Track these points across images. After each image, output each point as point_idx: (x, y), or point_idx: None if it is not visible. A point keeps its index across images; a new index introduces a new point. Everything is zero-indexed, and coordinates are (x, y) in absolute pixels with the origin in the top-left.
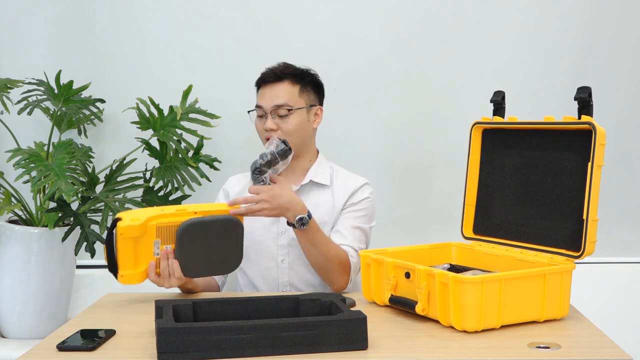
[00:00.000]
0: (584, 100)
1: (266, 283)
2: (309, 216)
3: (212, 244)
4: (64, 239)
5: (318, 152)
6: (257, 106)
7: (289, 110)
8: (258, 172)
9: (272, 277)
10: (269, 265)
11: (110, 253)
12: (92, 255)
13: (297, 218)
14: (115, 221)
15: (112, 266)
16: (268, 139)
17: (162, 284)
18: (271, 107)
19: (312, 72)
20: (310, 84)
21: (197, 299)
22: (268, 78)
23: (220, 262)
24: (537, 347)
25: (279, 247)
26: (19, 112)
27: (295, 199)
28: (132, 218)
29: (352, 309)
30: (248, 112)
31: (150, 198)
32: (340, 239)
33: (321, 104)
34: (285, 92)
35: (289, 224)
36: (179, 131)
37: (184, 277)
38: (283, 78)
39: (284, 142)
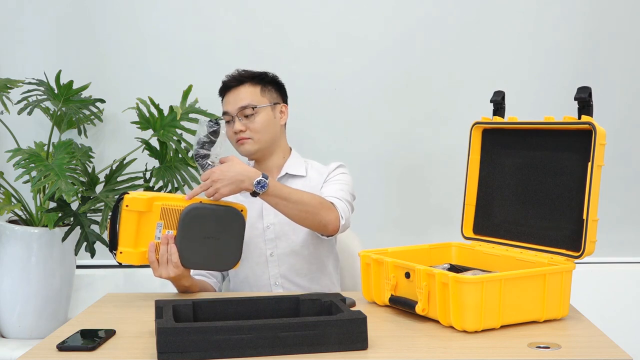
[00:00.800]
0: (584, 100)
1: (258, 279)
2: (265, 177)
3: (213, 234)
4: (64, 239)
5: (291, 149)
6: (224, 113)
7: (253, 109)
8: (200, 158)
9: (262, 272)
10: (259, 261)
11: (112, 228)
12: (92, 255)
13: (254, 183)
14: (122, 194)
15: (113, 243)
16: (239, 141)
17: (160, 273)
18: (236, 110)
19: (270, 73)
20: (270, 83)
21: (197, 299)
22: (229, 84)
23: (219, 257)
24: (537, 347)
25: (267, 242)
26: (19, 112)
27: (246, 168)
28: (139, 193)
29: (352, 309)
30: (217, 119)
31: None
32: (327, 191)
33: (285, 102)
34: (247, 93)
35: (252, 194)
36: (179, 131)
37: (181, 266)
38: (243, 81)
39: (211, 120)
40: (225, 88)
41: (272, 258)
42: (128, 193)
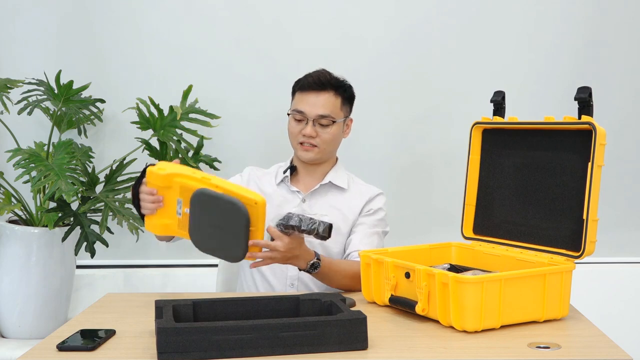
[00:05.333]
0: (584, 100)
1: (275, 275)
2: (318, 258)
3: (218, 224)
4: (64, 239)
5: (337, 159)
6: (299, 111)
7: (333, 122)
8: (288, 227)
9: (281, 270)
10: None
11: (136, 197)
12: (92, 255)
13: (309, 264)
14: (147, 166)
15: (140, 212)
16: (302, 144)
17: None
18: (315, 116)
19: (348, 84)
20: (349, 97)
21: (197, 299)
22: (314, 85)
23: (226, 248)
24: (537, 347)
25: None
26: (19, 112)
27: (307, 249)
28: (159, 167)
29: (352, 309)
30: (287, 113)
31: None
32: (357, 244)
33: (350, 114)
34: (329, 103)
35: (300, 269)
36: (179, 131)
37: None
38: (328, 88)
39: (330, 227)
40: (309, 87)
41: None
42: (154, 164)
